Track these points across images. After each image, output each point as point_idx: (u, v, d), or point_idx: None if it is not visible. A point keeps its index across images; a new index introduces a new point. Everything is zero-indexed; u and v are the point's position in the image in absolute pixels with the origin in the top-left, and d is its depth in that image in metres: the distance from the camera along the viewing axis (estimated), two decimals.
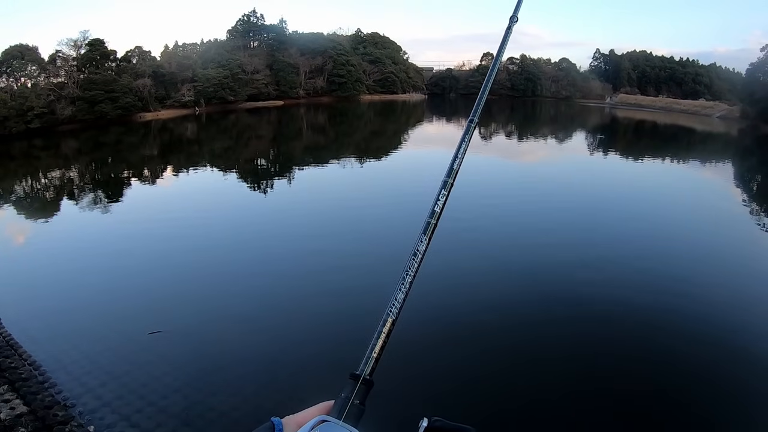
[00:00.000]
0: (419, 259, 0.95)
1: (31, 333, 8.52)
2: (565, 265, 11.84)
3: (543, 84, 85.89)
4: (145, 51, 53.32)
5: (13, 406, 6.27)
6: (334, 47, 70.64)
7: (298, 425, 0.77)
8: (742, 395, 6.97)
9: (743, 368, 7.56)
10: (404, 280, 0.93)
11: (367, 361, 0.86)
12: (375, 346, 0.88)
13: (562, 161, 30.38)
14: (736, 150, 40.28)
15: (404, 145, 37.61)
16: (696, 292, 10.62)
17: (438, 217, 0.99)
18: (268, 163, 31.47)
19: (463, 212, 14.30)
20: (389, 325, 0.89)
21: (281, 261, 12.35)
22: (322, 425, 0.76)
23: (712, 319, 9.24)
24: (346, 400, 0.81)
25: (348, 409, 0.80)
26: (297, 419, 0.79)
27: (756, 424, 6.51)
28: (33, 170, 28.69)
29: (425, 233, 0.97)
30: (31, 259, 13.14)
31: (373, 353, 0.87)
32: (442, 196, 1.01)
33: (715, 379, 7.33)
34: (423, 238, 0.96)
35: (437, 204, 1.00)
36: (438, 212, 0.99)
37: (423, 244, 0.96)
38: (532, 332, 8.80)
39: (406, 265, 0.94)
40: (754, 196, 22.99)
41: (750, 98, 50.77)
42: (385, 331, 0.89)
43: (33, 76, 43.88)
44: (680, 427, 6.50)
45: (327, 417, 0.78)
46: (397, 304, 0.91)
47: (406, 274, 0.93)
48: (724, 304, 9.96)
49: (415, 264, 0.94)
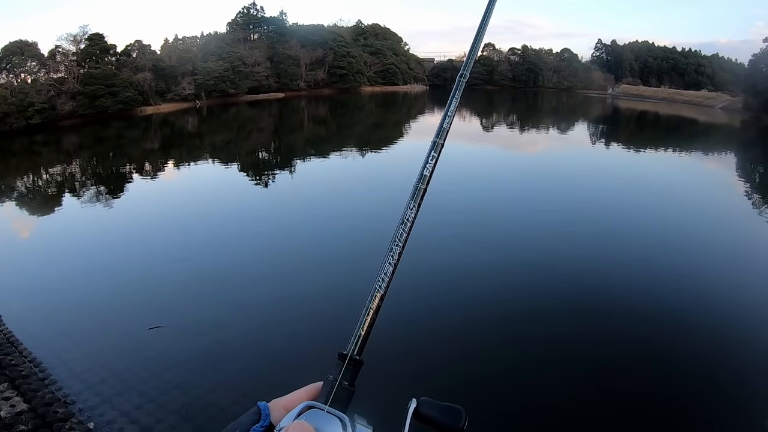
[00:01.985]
0: (408, 228, 0.88)
1: (32, 330, 8.54)
2: (564, 255, 11.84)
3: (545, 75, 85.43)
4: (144, 45, 53.13)
5: (13, 404, 6.29)
6: (335, 39, 70.38)
7: (286, 409, 0.75)
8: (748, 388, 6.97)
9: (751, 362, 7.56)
10: (392, 251, 0.86)
11: (355, 340, 0.81)
12: (363, 323, 0.82)
13: (564, 153, 30.25)
14: (739, 141, 40.09)
15: (406, 137, 37.46)
16: (698, 283, 10.62)
17: (427, 181, 0.90)
18: (269, 156, 31.42)
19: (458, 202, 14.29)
20: (377, 300, 0.83)
21: (281, 255, 12.35)
22: (308, 412, 0.72)
23: (713, 311, 9.23)
24: (333, 381, 0.77)
25: (336, 392, 0.76)
26: (284, 403, 0.76)
27: None
28: (34, 166, 28.70)
29: (414, 199, 0.89)
30: (31, 255, 13.17)
31: (361, 331, 0.81)
32: (431, 159, 0.92)
33: (728, 372, 7.34)
34: (412, 204, 0.88)
35: (426, 167, 0.91)
36: (427, 176, 0.90)
37: (412, 212, 0.88)
38: (525, 315, 8.85)
39: (394, 235, 0.87)
40: (758, 188, 22.86)
41: (753, 89, 50.47)
42: (373, 307, 0.83)
43: (33, 71, 43.74)
44: (684, 421, 6.51)
45: (314, 402, 0.74)
46: (385, 277, 0.84)
47: (395, 244, 0.86)
48: (726, 295, 9.96)
49: (403, 233, 0.87)
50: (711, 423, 6.52)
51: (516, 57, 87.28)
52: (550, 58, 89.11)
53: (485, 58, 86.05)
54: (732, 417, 6.53)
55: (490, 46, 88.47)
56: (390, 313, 0.87)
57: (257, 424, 0.73)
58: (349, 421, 0.73)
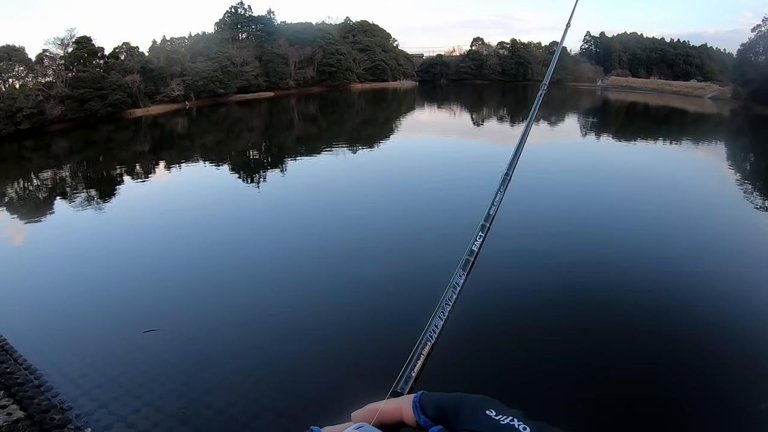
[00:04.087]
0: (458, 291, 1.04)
1: (26, 337, 8.53)
2: (560, 252, 11.90)
3: (534, 68, 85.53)
4: (132, 47, 52.90)
5: (9, 412, 6.29)
6: (324, 36, 70.27)
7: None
8: None
9: None
10: (443, 309, 1.00)
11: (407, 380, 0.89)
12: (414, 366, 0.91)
13: (554, 145, 30.34)
14: (729, 131, 40.37)
15: (396, 133, 37.51)
16: (699, 279, 10.71)
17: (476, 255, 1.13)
18: (260, 156, 31.33)
19: None
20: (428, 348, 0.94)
21: (275, 257, 12.34)
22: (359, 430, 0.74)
23: (707, 303, 9.33)
24: None
25: None
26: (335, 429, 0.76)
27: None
28: (24, 172, 28.48)
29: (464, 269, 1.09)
30: (23, 262, 13.11)
31: (413, 372, 0.90)
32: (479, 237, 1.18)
33: None
34: (461, 273, 1.08)
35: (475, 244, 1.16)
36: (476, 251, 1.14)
37: (461, 278, 1.07)
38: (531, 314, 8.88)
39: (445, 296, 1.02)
40: (748, 177, 23.03)
41: (741, 79, 50.84)
42: (424, 353, 0.93)
43: (21, 76, 43.36)
44: None
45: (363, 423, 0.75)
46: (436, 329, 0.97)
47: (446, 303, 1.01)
48: (724, 286, 10.06)
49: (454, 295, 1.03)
50: None
51: (505, 51, 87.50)
52: (539, 51, 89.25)
53: (474, 53, 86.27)
54: None
55: (479, 41, 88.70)
56: None
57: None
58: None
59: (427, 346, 0.94)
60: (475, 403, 0.72)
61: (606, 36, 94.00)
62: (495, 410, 0.70)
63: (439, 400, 0.75)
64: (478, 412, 0.70)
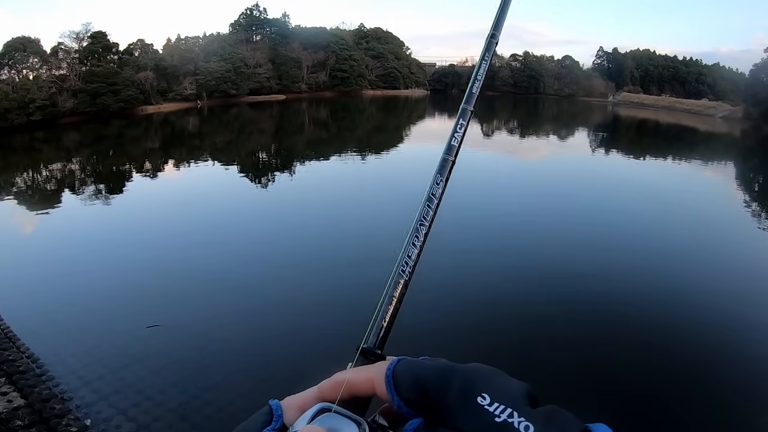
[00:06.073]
0: (435, 205, 0.77)
1: (30, 326, 8.50)
2: (564, 262, 11.83)
3: (546, 81, 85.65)
4: (147, 44, 53.25)
5: (10, 399, 6.27)
6: (337, 42, 70.54)
7: (300, 408, 0.64)
8: None
9: None
10: (418, 232, 0.74)
11: (376, 331, 0.69)
12: (384, 312, 0.69)
13: (564, 159, 30.30)
14: (739, 151, 40.17)
15: (406, 141, 37.53)
16: (699, 292, 10.62)
17: (456, 153, 0.81)
18: (269, 157, 31.41)
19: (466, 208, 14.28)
20: (401, 287, 0.71)
21: (280, 254, 12.34)
22: (323, 416, 0.61)
23: (709, 314, 9.23)
24: None
25: None
26: (298, 402, 0.65)
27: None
28: (34, 163, 28.66)
29: (441, 174, 0.79)
30: (30, 251, 13.12)
31: (383, 322, 0.69)
32: (460, 127, 0.84)
33: None
34: (439, 179, 0.78)
35: (455, 137, 0.82)
36: (456, 147, 0.82)
37: (439, 187, 0.78)
38: (519, 320, 8.81)
39: (420, 213, 0.75)
40: (757, 197, 22.88)
41: (753, 99, 50.67)
42: (396, 295, 0.70)
43: (35, 68, 43.80)
44: None
45: (329, 405, 0.62)
46: (409, 261, 0.72)
47: (420, 224, 0.75)
48: (724, 301, 9.96)
49: (430, 211, 0.76)
50: None
51: (517, 63, 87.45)
52: (551, 64, 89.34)
53: None
54: None
55: None
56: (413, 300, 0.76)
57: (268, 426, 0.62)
58: (368, 424, 0.61)
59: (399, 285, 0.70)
60: (465, 383, 0.56)
61: (619, 52, 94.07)
62: (489, 395, 0.53)
63: (419, 375, 0.58)
64: (468, 399, 0.54)
